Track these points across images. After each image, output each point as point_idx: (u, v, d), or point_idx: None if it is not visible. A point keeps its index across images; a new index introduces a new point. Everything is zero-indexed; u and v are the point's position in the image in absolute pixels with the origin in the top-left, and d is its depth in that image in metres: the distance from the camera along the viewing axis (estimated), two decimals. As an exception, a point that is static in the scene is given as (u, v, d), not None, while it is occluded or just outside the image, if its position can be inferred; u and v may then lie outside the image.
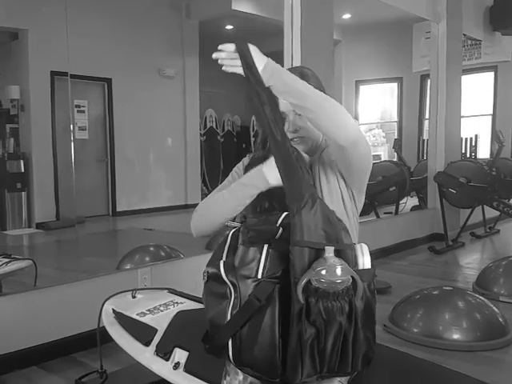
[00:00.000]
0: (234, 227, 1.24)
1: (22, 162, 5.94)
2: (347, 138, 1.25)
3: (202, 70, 8.00)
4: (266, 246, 1.14)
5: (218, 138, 9.24)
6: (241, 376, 1.24)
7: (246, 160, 1.57)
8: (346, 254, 1.12)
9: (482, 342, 2.78)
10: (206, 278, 1.23)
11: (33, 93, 6.00)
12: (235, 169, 1.58)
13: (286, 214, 1.18)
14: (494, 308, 2.97)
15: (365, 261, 1.14)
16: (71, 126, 5.79)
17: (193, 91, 7.97)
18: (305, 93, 1.22)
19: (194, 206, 1.62)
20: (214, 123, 9.16)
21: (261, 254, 1.14)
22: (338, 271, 1.06)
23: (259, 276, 1.12)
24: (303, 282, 1.06)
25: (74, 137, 5.90)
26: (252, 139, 9.60)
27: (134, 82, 7.03)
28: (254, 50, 1.22)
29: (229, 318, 1.15)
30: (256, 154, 1.52)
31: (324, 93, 1.43)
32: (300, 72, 1.44)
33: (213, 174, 8.83)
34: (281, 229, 1.16)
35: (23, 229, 5.91)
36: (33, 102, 5.99)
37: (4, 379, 2.46)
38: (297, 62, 3.90)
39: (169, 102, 7.71)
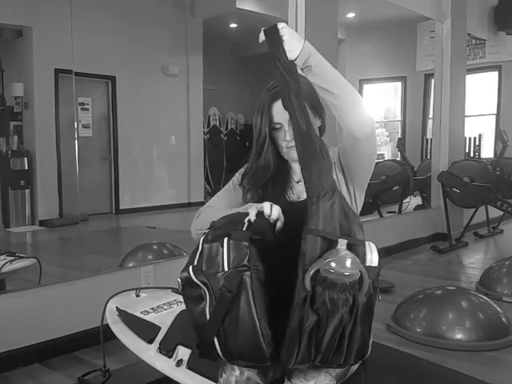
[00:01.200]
0: (205, 232, 1.26)
1: (25, 159, 5.95)
2: (365, 130, 1.27)
3: (206, 69, 8.01)
4: (225, 239, 1.17)
5: (222, 136, 9.24)
6: (237, 371, 1.24)
7: (238, 172, 1.58)
8: (357, 249, 1.13)
9: (485, 342, 2.77)
10: (180, 285, 1.25)
11: (37, 90, 6.01)
12: (235, 177, 1.58)
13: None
14: (498, 308, 2.97)
15: (373, 258, 1.15)
16: (75, 124, 5.80)
17: (196, 89, 7.97)
18: (336, 79, 1.23)
19: (197, 204, 1.63)
20: (218, 121, 9.16)
21: (222, 248, 1.17)
22: (348, 264, 1.07)
23: (225, 268, 1.15)
24: (313, 270, 1.08)
25: (77, 134, 5.90)
26: (256, 138, 9.58)
27: (137, 79, 7.04)
28: (288, 32, 1.20)
29: (208, 316, 1.18)
30: (251, 164, 1.51)
31: (319, 105, 1.47)
32: None
33: (216, 173, 8.83)
34: (246, 223, 1.20)
35: (26, 226, 5.93)
36: (37, 100, 6.01)
37: (7, 376, 2.47)
38: (301, 61, 3.88)
39: (172, 100, 7.71)
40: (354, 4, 7.57)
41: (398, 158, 7.56)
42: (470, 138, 7.34)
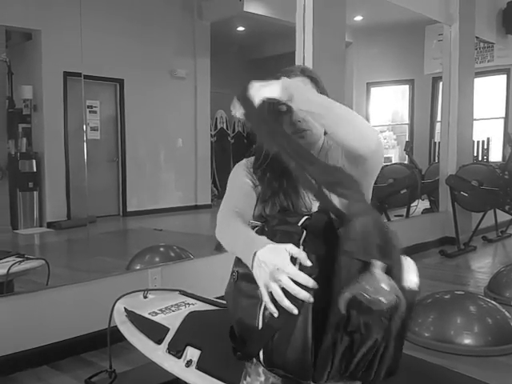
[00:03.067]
0: (256, 226, 1.21)
1: (34, 161, 5.98)
2: (369, 148, 1.19)
3: (213, 71, 8.03)
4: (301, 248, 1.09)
5: (229, 138, 9.25)
6: (262, 377, 1.22)
7: (250, 162, 1.48)
8: (393, 269, 1.07)
9: (494, 347, 2.76)
10: (235, 277, 1.19)
11: (46, 93, 6.05)
12: (243, 171, 1.47)
13: (306, 217, 1.15)
14: (506, 313, 2.95)
15: (411, 278, 1.11)
16: (84, 127, 5.83)
17: (204, 92, 8.00)
18: (328, 107, 1.19)
19: (204, 206, 1.61)
20: (225, 124, 9.18)
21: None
22: (384, 290, 1.02)
23: None
24: (347, 294, 1.03)
25: (86, 137, 5.93)
26: (263, 140, 9.58)
27: (145, 82, 7.06)
28: (259, 85, 1.14)
29: (260, 319, 1.12)
30: (263, 152, 1.41)
31: (327, 94, 1.41)
32: (302, 71, 1.41)
33: (223, 175, 8.81)
34: (304, 231, 1.12)
35: (35, 228, 5.95)
36: (45, 102, 6.04)
37: (16, 377, 2.48)
38: (308, 64, 3.89)
39: (180, 103, 7.74)
40: (362, 7, 7.56)
41: (406, 161, 7.54)
42: (478, 142, 7.32)
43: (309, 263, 1.04)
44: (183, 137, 7.90)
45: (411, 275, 1.10)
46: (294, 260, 1.05)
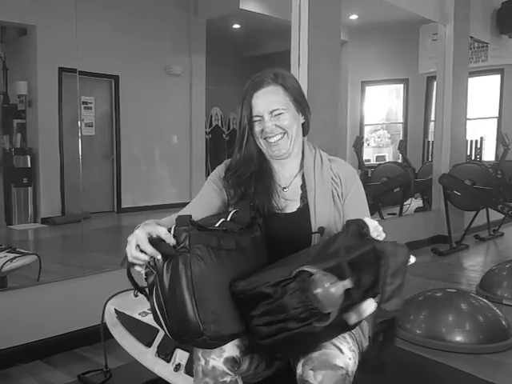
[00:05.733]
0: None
1: (28, 157, 5.97)
2: None
3: (209, 69, 8.02)
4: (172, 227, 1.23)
5: (224, 136, 9.25)
6: (202, 361, 1.24)
7: (221, 168, 1.56)
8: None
9: (485, 345, 2.78)
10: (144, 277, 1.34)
11: (40, 89, 6.03)
12: (210, 177, 1.57)
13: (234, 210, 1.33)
14: (497, 311, 2.97)
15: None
16: (79, 123, 5.82)
17: (199, 89, 7.99)
18: None
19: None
20: (220, 121, 9.17)
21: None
22: (332, 295, 1.11)
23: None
24: (306, 267, 1.13)
25: (81, 133, 5.92)
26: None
27: (140, 79, 7.05)
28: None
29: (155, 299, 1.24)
30: (234, 157, 1.50)
31: (302, 100, 1.47)
32: (275, 77, 1.45)
33: (217, 172, 8.83)
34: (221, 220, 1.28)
35: (29, 223, 5.94)
36: (40, 98, 6.03)
37: (9, 373, 2.49)
38: (303, 62, 3.90)
39: (175, 100, 7.73)
40: (357, 6, 7.57)
41: (400, 160, 7.57)
42: (471, 141, 7.35)
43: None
44: (178, 134, 7.90)
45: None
46: None
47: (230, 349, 1.22)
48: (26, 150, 6.00)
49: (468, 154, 7.09)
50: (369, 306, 1.17)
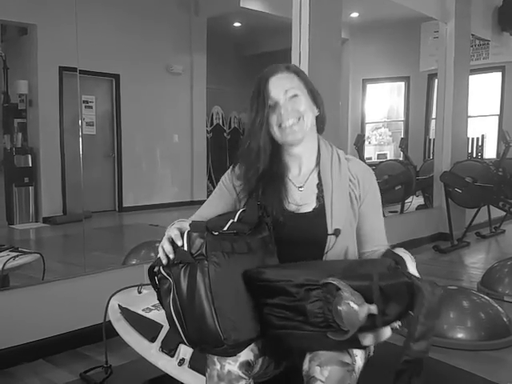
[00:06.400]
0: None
1: (29, 156, 5.96)
2: None
3: (210, 67, 8.02)
4: (185, 232, 1.23)
5: (225, 135, 9.25)
6: (218, 365, 1.23)
7: (235, 171, 1.49)
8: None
9: (486, 342, 2.78)
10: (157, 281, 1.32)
11: (41, 88, 6.02)
12: (223, 179, 1.52)
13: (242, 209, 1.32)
14: (499, 308, 2.97)
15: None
16: (80, 122, 5.82)
17: (200, 88, 7.99)
18: None
19: (200, 202, 1.62)
20: (221, 120, 9.17)
21: (183, 239, 1.23)
22: (354, 311, 1.09)
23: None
24: (332, 279, 1.11)
25: (81, 132, 5.92)
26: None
27: (141, 78, 7.05)
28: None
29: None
30: (246, 146, 1.44)
31: (316, 93, 1.44)
32: (287, 67, 1.44)
33: (219, 171, 8.83)
34: (230, 221, 1.26)
35: (30, 223, 5.94)
36: (41, 97, 6.02)
37: (11, 372, 2.49)
38: (304, 60, 3.90)
39: (176, 99, 7.73)
40: (358, 4, 7.56)
41: (401, 158, 7.56)
42: (472, 139, 7.34)
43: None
44: (179, 132, 7.90)
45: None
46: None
47: (245, 353, 1.22)
48: (26, 149, 6.00)
49: (469, 151, 7.08)
50: (387, 332, 1.16)
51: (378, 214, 1.48)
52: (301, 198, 1.43)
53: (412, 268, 1.23)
